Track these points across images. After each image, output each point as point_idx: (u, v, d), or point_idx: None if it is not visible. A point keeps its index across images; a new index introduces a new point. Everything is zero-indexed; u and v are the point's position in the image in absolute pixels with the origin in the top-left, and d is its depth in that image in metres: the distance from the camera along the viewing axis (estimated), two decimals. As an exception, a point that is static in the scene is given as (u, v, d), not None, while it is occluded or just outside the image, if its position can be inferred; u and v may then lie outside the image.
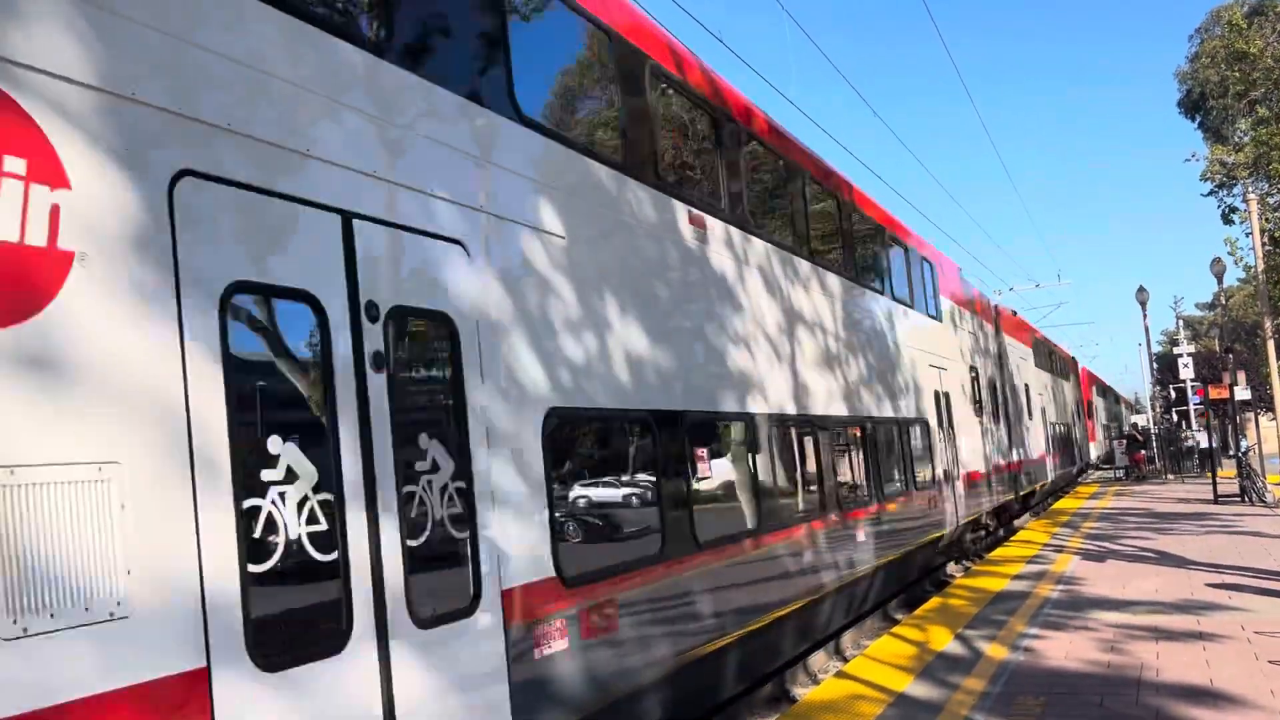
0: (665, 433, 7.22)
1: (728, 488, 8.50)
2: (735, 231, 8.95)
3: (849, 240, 12.71)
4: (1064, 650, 8.54)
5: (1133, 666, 7.81)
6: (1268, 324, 20.51)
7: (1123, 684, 7.31)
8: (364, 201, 4.61)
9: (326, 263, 4.36)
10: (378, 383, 4.55)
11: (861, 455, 11.96)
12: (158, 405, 3.53)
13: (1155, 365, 49.86)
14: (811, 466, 10.22)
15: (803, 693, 9.09)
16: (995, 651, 8.71)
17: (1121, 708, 6.73)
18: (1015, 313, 27.36)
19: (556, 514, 5.81)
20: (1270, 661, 7.62)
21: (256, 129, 4.09)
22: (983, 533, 19.67)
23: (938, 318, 17.18)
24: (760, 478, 8.87)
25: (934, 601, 11.81)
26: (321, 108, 4.47)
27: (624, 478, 7.01)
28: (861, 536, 11.39)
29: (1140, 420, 62.12)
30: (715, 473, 8.31)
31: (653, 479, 7.09)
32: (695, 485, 7.68)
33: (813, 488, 10.13)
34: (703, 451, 8.03)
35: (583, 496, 6.54)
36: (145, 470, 3.44)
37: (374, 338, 4.56)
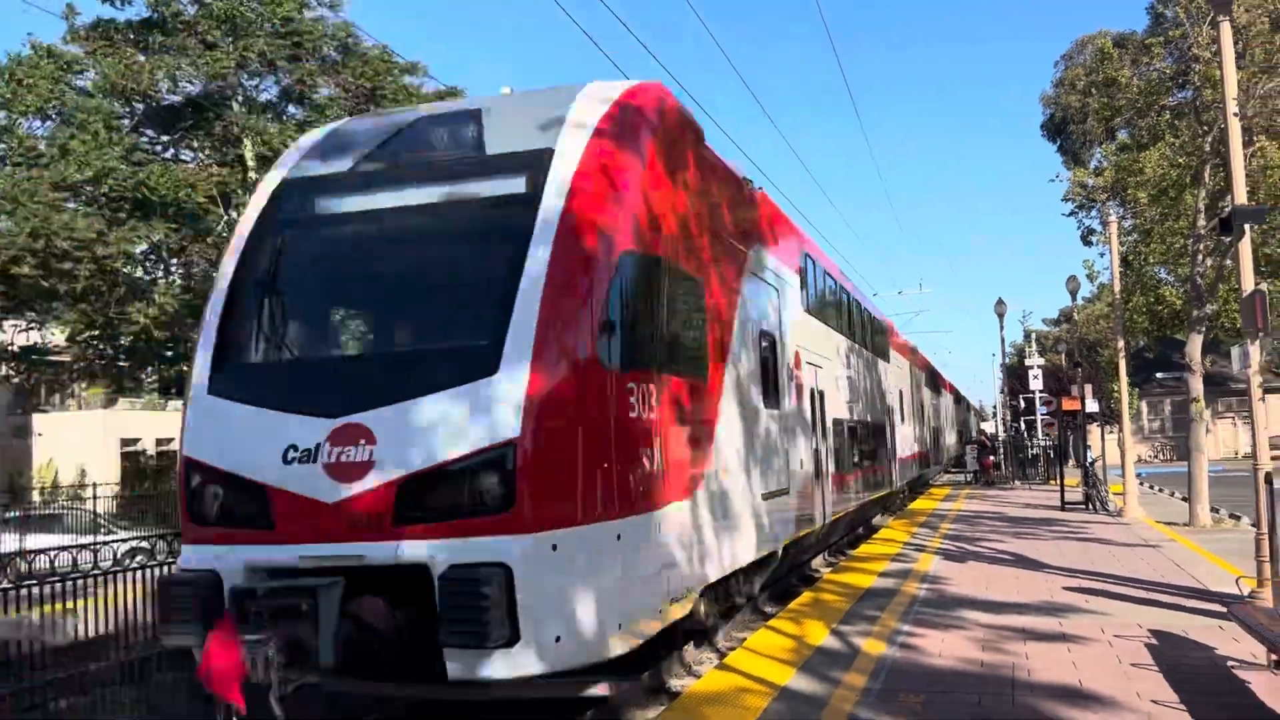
0: None
1: None
2: None
3: None
4: (938, 648, 8.68)
5: (1006, 666, 7.97)
6: (1120, 342, 21.53)
7: (998, 683, 7.45)
8: None
9: None
10: None
11: None
12: None
13: (1005, 375, 52.11)
14: None
15: (680, 684, 8.99)
16: (872, 647, 8.78)
17: (999, 706, 6.84)
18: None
19: None
20: (1132, 664, 7.90)
21: None
22: None
23: None
24: None
25: (806, 596, 11.92)
26: None
27: None
28: None
29: (989, 428, 64.97)
30: None
31: None
32: None
33: None
34: None
35: None
36: None
37: None
